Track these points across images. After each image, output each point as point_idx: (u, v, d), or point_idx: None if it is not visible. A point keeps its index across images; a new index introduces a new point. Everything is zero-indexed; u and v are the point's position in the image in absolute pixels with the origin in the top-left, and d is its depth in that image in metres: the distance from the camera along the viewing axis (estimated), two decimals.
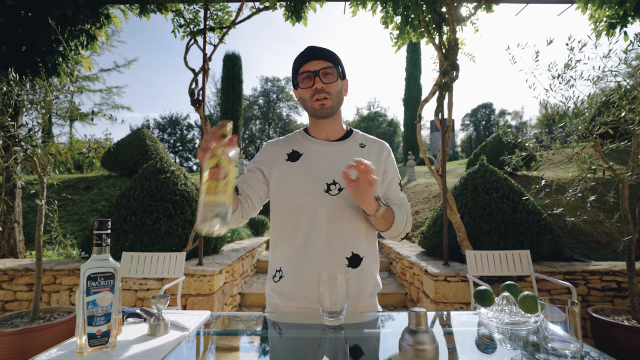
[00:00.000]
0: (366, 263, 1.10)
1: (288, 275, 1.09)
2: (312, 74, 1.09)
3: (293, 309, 1.08)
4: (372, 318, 1.06)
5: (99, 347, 0.75)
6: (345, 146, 1.18)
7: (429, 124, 36.42)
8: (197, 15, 4.05)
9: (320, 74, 1.09)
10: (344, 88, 1.18)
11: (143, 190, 4.12)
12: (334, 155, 1.15)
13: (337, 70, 1.12)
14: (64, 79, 4.24)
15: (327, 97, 1.10)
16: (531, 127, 3.01)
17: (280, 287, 1.10)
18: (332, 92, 1.11)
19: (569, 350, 0.74)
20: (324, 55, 1.11)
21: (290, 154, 1.17)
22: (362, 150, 1.19)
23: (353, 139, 1.22)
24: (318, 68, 1.09)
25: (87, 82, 15.12)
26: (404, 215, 1.14)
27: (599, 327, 2.63)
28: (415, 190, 9.43)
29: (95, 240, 0.78)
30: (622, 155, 8.12)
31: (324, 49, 1.12)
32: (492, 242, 3.71)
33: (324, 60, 1.10)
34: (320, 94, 1.10)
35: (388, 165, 1.20)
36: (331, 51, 1.13)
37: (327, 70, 1.10)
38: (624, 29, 3.87)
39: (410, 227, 1.17)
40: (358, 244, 1.09)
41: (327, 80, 1.10)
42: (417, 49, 21.41)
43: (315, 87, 1.09)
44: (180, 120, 42.12)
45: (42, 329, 2.47)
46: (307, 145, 1.18)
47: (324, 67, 1.09)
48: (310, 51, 1.12)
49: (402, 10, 3.98)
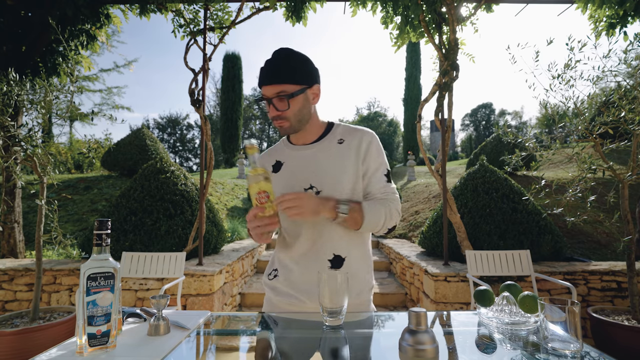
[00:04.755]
0: (349, 263, 1.10)
1: (280, 276, 1.17)
2: (268, 101, 1.06)
3: (284, 303, 1.14)
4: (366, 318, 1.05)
5: (99, 347, 0.75)
6: (322, 146, 1.15)
7: (429, 124, 36.40)
8: (197, 15, 4.05)
9: (274, 102, 1.05)
10: (311, 98, 1.11)
11: (143, 190, 4.12)
12: (310, 158, 1.15)
13: (293, 93, 1.04)
14: (64, 79, 4.24)
15: (283, 122, 1.08)
16: (531, 127, 3.01)
17: (273, 283, 1.18)
18: (288, 116, 1.07)
19: (569, 350, 0.74)
20: (278, 78, 1.03)
21: (274, 165, 1.20)
22: (339, 147, 1.14)
23: (331, 135, 1.17)
24: (271, 95, 1.04)
25: (87, 82, 15.16)
26: (380, 211, 1.07)
27: (599, 327, 2.63)
28: (415, 190, 9.43)
29: (95, 240, 0.78)
30: (622, 155, 8.12)
31: (279, 69, 1.03)
32: (492, 242, 3.71)
33: (278, 84, 1.03)
34: (276, 121, 1.08)
35: (368, 157, 1.13)
36: (291, 65, 1.03)
37: (281, 96, 1.03)
38: (624, 29, 3.88)
39: (396, 221, 1.11)
40: (339, 245, 1.10)
41: (282, 108, 1.05)
42: (417, 49, 21.40)
43: (271, 115, 1.08)
44: (180, 120, 42.14)
45: (42, 329, 2.47)
46: (287, 153, 1.20)
47: (278, 92, 1.03)
48: (265, 73, 1.04)
49: (402, 10, 3.98)
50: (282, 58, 1.04)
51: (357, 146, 1.13)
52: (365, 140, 1.14)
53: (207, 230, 4.14)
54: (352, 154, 1.12)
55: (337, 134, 1.17)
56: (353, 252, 1.12)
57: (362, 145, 1.13)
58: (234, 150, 22.57)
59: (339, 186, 1.10)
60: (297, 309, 1.12)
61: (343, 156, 1.12)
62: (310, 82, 1.08)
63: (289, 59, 1.04)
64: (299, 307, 1.11)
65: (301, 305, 1.11)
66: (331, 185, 1.09)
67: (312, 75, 1.09)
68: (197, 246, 3.88)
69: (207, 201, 4.35)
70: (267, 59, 1.06)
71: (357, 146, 1.13)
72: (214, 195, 8.76)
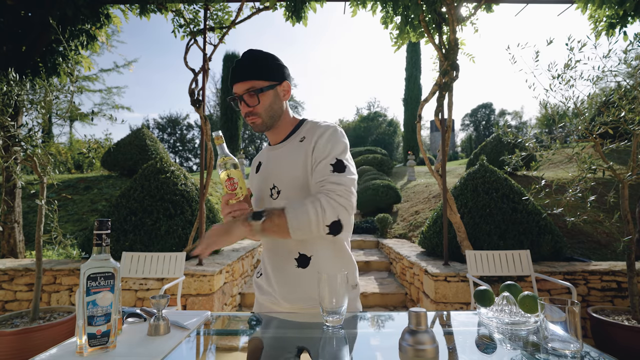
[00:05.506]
0: (317, 262, 1.09)
1: (263, 274, 1.20)
2: (238, 98, 1.09)
3: (268, 302, 1.16)
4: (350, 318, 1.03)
5: (99, 347, 0.75)
6: (287, 146, 1.16)
7: (429, 124, 36.39)
8: (197, 15, 4.05)
9: (245, 98, 1.08)
10: (281, 94, 1.12)
11: (143, 190, 4.12)
12: (275, 158, 1.16)
13: (262, 88, 1.07)
14: (64, 79, 4.24)
15: (255, 118, 1.10)
16: (531, 127, 3.01)
17: (258, 282, 1.22)
18: (259, 112, 1.09)
19: (569, 350, 0.74)
20: (248, 74, 1.06)
21: (257, 166, 1.25)
22: (300, 145, 1.11)
23: (297, 134, 1.16)
24: (241, 92, 1.07)
25: (87, 82, 15.15)
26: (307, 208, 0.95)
27: (599, 327, 2.63)
28: (415, 190, 9.43)
29: (95, 240, 0.78)
30: (622, 155, 8.12)
31: (248, 65, 1.07)
32: (492, 242, 3.71)
33: (247, 81, 1.06)
34: (248, 117, 1.10)
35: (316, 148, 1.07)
36: (259, 62, 1.07)
37: (251, 92, 1.06)
38: (624, 29, 3.88)
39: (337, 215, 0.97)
40: (304, 244, 1.09)
41: (252, 103, 1.08)
42: (417, 49, 21.39)
43: (243, 111, 1.10)
44: (180, 120, 42.12)
45: (42, 329, 2.47)
46: (265, 153, 1.24)
47: (248, 89, 1.06)
48: (234, 72, 1.08)
49: (402, 10, 3.99)
50: (249, 57, 1.08)
51: (312, 142, 1.09)
52: (316, 134, 1.08)
53: (207, 230, 4.14)
54: (308, 151, 1.08)
55: (302, 132, 1.15)
56: (320, 252, 1.09)
57: (314, 138, 1.08)
58: (234, 150, 22.58)
59: (296, 183, 1.09)
60: (278, 308, 1.14)
61: (300, 154, 1.10)
62: (280, 78, 1.10)
63: (256, 57, 1.08)
64: (278, 306, 1.13)
65: (279, 304, 1.13)
66: (290, 184, 1.09)
67: (281, 72, 1.11)
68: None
69: (207, 201, 4.35)
70: (236, 59, 1.11)
71: (312, 142, 1.09)
72: (214, 195, 8.76)
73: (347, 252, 1.15)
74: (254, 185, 1.22)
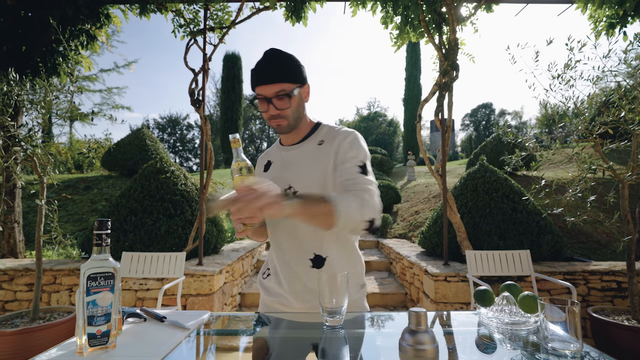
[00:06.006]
0: (331, 263, 1.10)
1: (272, 275, 1.19)
2: (266, 101, 1.05)
3: (275, 303, 1.16)
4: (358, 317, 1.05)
5: (99, 347, 0.75)
6: (304, 147, 1.16)
7: (429, 124, 36.39)
8: (197, 15, 4.05)
9: (274, 101, 1.04)
10: (304, 96, 1.12)
11: (143, 190, 4.12)
12: (292, 159, 1.16)
13: (292, 91, 1.04)
14: (64, 79, 4.24)
15: (282, 120, 1.08)
16: (531, 127, 3.01)
17: (265, 283, 1.21)
18: (288, 114, 1.07)
19: (569, 350, 0.74)
20: (277, 76, 1.02)
21: (265, 165, 1.23)
22: (319, 148, 1.12)
23: (315, 136, 1.16)
24: (271, 94, 1.03)
25: (87, 82, 15.14)
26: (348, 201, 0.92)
27: (599, 327, 2.63)
28: (415, 190, 9.43)
29: (95, 240, 0.78)
30: (622, 155, 8.12)
31: (277, 66, 1.03)
32: (492, 242, 3.71)
33: (277, 84, 1.03)
34: (274, 120, 1.08)
35: (340, 150, 1.08)
36: (287, 64, 1.04)
37: (281, 95, 1.03)
38: (624, 29, 3.88)
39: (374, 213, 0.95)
40: (320, 245, 1.10)
41: (282, 106, 1.05)
42: (417, 49, 21.40)
43: (271, 114, 1.07)
44: (180, 120, 42.09)
45: (42, 329, 2.47)
46: (276, 153, 1.22)
47: (278, 91, 1.03)
48: (261, 73, 1.03)
49: (402, 10, 3.99)
50: (276, 58, 1.04)
51: (333, 145, 1.10)
52: (338, 139, 1.10)
53: (207, 230, 4.15)
54: (329, 155, 1.10)
55: (320, 135, 1.16)
56: (335, 252, 1.11)
57: (335, 142, 1.10)
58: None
59: (314, 187, 1.09)
60: (287, 308, 1.14)
61: (320, 157, 1.11)
62: (303, 80, 1.10)
63: (284, 58, 1.05)
64: (288, 306, 1.13)
65: (289, 305, 1.13)
66: (306, 186, 1.09)
67: (304, 73, 1.11)
68: (197, 246, 3.88)
69: (207, 201, 4.35)
70: (260, 60, 1.05)
71: (333, 145, 1.10)
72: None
73: (357, 252, 1.18)
74: None
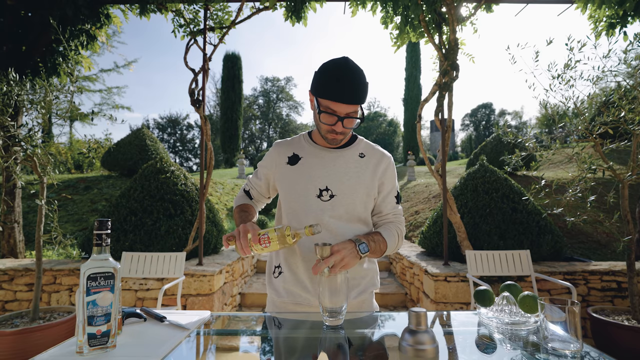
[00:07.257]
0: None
1: (285, 272, 1.16)
2: (337, 118, 1.04)
3: (289, 303, 1.15)
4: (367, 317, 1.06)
5: (99, 347, 0.75)
6: (344, 154, 1.18)
7: (429, 124, 36.41)
8: (197, 15, 4.05)
9: (345, 121, 1.05)
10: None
11: (143, 190, 4.12)
12: (330, 161, 1.17)
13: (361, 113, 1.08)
14: (64, 79, 4.24)
15: (342, 136, 1.10)
16: (531, 127, 3.01)
17: (277, 282, 1.18)
18: (349, 132, 1.11)
19: (569, 350, 0.74)
20: (357, 99, 1.02)
21: (291, 157, 1.21)
22: (360, 160, 1.18)
23: (355, 147, 1.21)
24: (344, 114, 1.03)
25: (87, 82, 15.14)
26: (393, 238, 1.15)
27: (599, 327, 2.63)
28: (415, 190, 9.43)
29: (95, 240, 0.78)
30: (622, 155, 8.12)
31: (359, 90, 1.02)
32: (492, 242, 3.71)
33: (354, 105, 1.03)
34: (336, 134, 1.08)
35: (385, 179, 1.19)
36: (365, 88, 1.04)
37: (351, 117, 1.04)
38: (624, 29, 3.87)
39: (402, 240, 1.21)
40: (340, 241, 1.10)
41: (350, 125, 1.07)
42: (417, 49, 21.41)
43: (335, 130, 1.07)
44: (180, 120, 42.12)
45: (42, 329, 2.47)
46: (307, 149, 1.21)
47: (350, 112, 1.04)
48: (344, 92, 1.00)
49: (402, 10, 3.98)
50: (360, 80, 1.02)
51: (375, 164, 1.19)
52: (384, 162, 1.20)
53: (207, 230, 4.14)
54: (369, 171, 1.17)
55: (360, 148, 1.21)
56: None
57: (381, 166, 1.19)
58: (234, 150, 22.57)
59: (355, 196, 1.14)
60: (303, 308, 1.13)
61: (362, 169, 1.17)
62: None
63: (363, 81, 1.03)
64: (306, 306, 1.13)
65: (308, 304, 1.12)
66: (347, 193, 1.13)
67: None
68: (197, 246, 3.88)
69: (207, 201, 4.35)
70: (339, 74, 1.00)
71: (375, 164, 1.19)
72: (214, 195, 8.76)
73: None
74: (288, 176, 1.18)
